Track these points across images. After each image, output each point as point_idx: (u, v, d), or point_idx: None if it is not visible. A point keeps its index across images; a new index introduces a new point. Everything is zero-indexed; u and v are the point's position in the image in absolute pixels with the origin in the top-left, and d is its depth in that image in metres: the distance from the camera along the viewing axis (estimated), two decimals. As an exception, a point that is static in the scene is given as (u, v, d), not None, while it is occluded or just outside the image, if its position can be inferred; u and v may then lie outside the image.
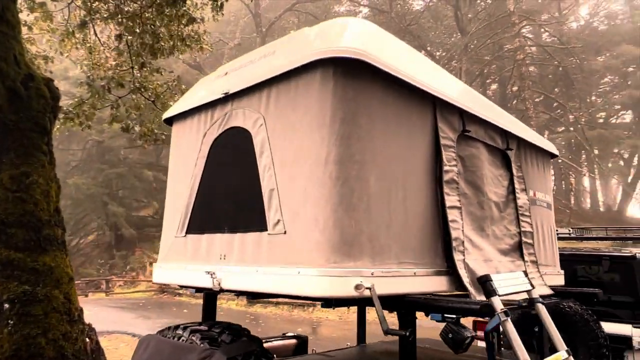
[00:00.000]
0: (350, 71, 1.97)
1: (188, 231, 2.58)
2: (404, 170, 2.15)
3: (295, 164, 2.02)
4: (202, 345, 2.09)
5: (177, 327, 2.38)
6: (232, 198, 2.33)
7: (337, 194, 1.88)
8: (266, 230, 2.09)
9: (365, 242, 1.90)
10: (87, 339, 5.88)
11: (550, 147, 3.60)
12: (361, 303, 2.25)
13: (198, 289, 2.62)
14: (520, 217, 2.92)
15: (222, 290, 2.26)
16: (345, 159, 1.91)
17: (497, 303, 2.12)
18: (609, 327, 4.75)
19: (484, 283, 2.26)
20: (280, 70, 2.12)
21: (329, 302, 2.14)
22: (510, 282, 2.43)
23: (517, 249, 2.83)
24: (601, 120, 27.81)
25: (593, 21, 35.66)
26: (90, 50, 6.95)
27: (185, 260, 2.56)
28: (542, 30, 31.44)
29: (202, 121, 2.63)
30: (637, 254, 5.07)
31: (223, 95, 2.41)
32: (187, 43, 6.78)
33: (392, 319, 2.10)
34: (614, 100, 28.91)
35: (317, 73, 2.00)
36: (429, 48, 31.78)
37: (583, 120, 25.48)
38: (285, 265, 1.96)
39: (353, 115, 1.95)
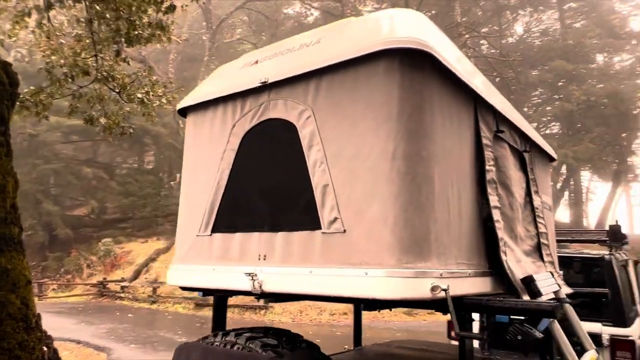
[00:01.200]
0: (416, 63, 1.89)
1: (215, 229, 2.39)
2: (456, 169, 2.10)
3: (355, 159, 1.91)
4: (264, 353, 1.93)
5: (226, 333, 2.18)
6: (272, 194, 2.18)
7: (406, 191, 1.79)
8: (319, 228, 1.96)
9: (432, 242, 1.83)
10: (45, 348, 5.42)
11: (551, 151, 3.69)
12: (425, 305, 2.15)
13: (228, 293, 2.43)
14: (537, 219, 2.96)
15: (262, 294, 2.10)
16: (413, 155, 1.83)
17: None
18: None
19: (529, 284, 2.25)
20: (335, 60, 2.00)
21: (381, 305, 2.03)
22: (545, 283, 2.44)
23: (537, 250, 2.87)
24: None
25: (528, 37, 37.82)
26: (48, 35, 6.39)
27: (211, 261, 2.36)
28: (482, 42, 32.99)
29: (230, 112, 2.44)
30: (605, 256, 5.34)
31: (260, 84, 2.25)
32: (167, 32, 6.40)
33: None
34: (546, 112, 30.73)
35: (380, 64, 1.90)
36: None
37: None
38: (346, 266, 1.85)
39: (419, 109, 1.88)
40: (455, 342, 6.35)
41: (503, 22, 35.65)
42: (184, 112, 2.78)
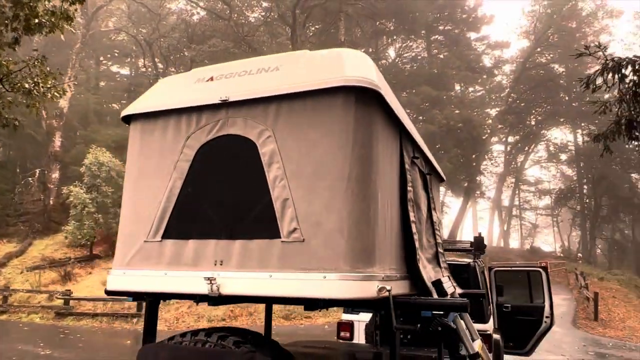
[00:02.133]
0: (367, 99, 2.25)
1: (165, 236, 2.47)
2: (389, 189, 2.50)
3: (314, 178, 2.19)
4: (238, 349, 2.07)
5: (194, 333, 2.27)
6: (229, 204, 2.35)
7: (358, 208, 2.13)
8: (278, 237, 2.21)
9: (376, 251, 2.19)
10: None
11: (442, 173, 4.33)
12: (362, 304, 2.46)
13: (181, 297, 2.52)
14: (435, 231, 3.51)
15: (219, 297, 2.26)
16: (364, 178, 2.18)
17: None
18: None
19: (438, 286, 2.73)
20: (297, 89, 2.27)
21: (324, 305, 2.31)
22: (447, 285, 2.95)
23: (436, 258, 3.40)
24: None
25: (399, 62, 41.29)
26: None
27: (162, 266, 2.44)
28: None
29: (184, 124, 2.56)
30: (470, 263, 6.26)
31: (221, 101, 2.42)
32: (71, 22, 5.93)
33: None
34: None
35: (338, 98, 2.22)
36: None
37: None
38: (305, 271, 2.12)
39: (369, 139, 2.24)
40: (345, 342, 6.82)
41: (379, 45, 38.44)
42: (127, 119, 2.80)
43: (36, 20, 5.48)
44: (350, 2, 26.92)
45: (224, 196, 2.38)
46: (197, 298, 2.36)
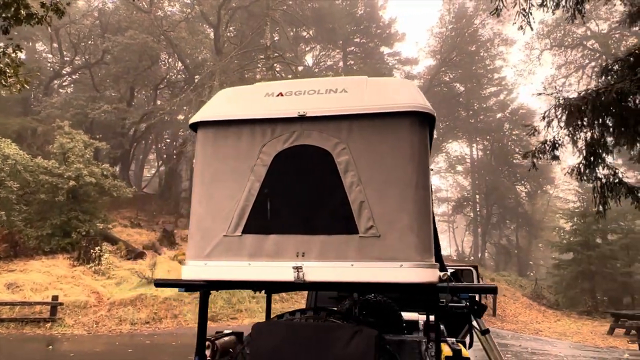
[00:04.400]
0: (424, 121, 2.80)
1: (245, 231, 2.80)
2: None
3: (386, 184, 2.67)
4: (347, 323, 2.44)
5: (302, 311, 2.58)
6: (308, 204, 2.75)
7: (422, 210, 2.66)
8: (356, 233, 2.66)
9: (432, 244, 2.72)
10: None
11: None
12: (421, 289, 2.88)
13: (264, 284, 2.83)
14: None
15: (304, 284, 2.64)
16: (424, 185, 2.71)
17: None
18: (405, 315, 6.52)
19: (454, 274, 3.32)
20: (370, 110, 2.76)
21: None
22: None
23: None
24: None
25: (316, 69, 42.48)
26: None
27: (243, 258, 2.76)
28: (276, 67, 35.86)
29: (258, 133, 2.90)
30: None
31: (299, 115, 2.82)
32: (60, 15, 5.64)
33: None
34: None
35: (406, 119, 2.74)
36: (180, 61, 31.99)
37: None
38: (381, 261, 2.59)
39: (425, 153, 2.78)
40: None
41: (299, 51, 39.24)
42: (195, 125, 3.08)
43: (25, 11, 5.21)
44: (275, 7, 27.34)
45: (303, 197, 2.77)
46: (278, 285, 2.72)
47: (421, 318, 6.95)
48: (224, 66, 26.33)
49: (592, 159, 6.23)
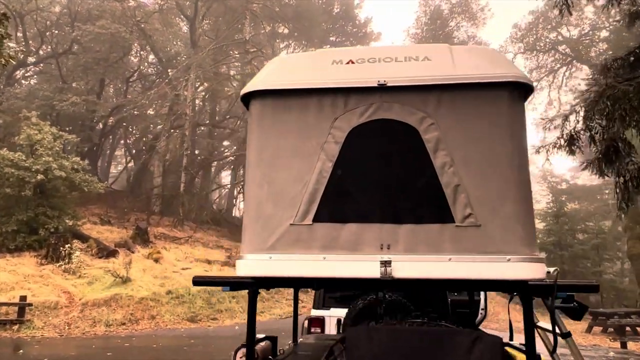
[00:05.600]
0: (523, 94, 2.45)
1: (317, 219, 2.37)
2: None
3: (484, 165, 2.31)
4: (464, 329, 2.05)
5: (403, 317, 2.16)
6: (392, 189, 2.35)
7: (525, 196, 2.31)
8: (451, 222, 2.28)
9: (535, 235, 2.37)
10: None
11: None
12: (522, 288, 2.49)
13: (341, 281, 2.40)
14: None
15: (390, 281, 2.24)
16: (525, 166, 2.36)
17: None
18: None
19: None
20: (462, 80, 2.38)
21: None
22: None
23: None
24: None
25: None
26: None
27: (314, 250, 2.33)
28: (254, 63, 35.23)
29: (328, 104, 2.47)
30: None
31: (378, 85, 2.42)
32: None
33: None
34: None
35: (504, 91, 2.37)
36: (155, 54, 30.91)
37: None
38: (483, 254, 2.22)
39: (524, 130, 2.43)
40: None
41: (274, 48, 38.65)
42: (247, 98, 2.63)
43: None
44: (255, 2, 26.74)
45: (385, 180, 2.38)
46: (357, 283, 2.31)
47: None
48: (200, 59, 25.54)
49: (613, 155, 6.06)
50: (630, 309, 16.87)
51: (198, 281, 2.71)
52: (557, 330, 3.03)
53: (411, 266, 2.26)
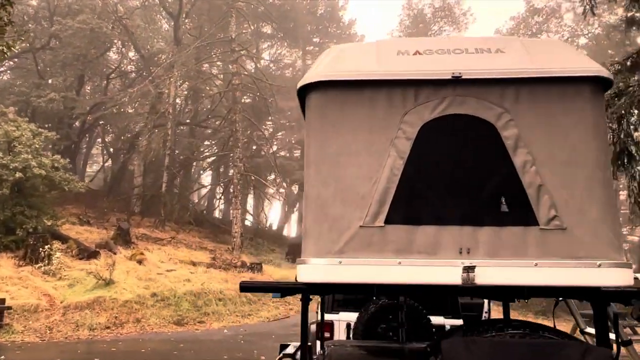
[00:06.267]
0: (602, 90, 2.32)
1: (389, 221, 2.19)
2: None
3: (569, 165, 2.17)
4: (572, 341, 1.89)
5: (499, 328, 1.99)
6: (469, 189, 2.20)
7: (611, 197, 2.19)
8: (535, 225, 2.14)
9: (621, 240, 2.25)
10: None
11: None
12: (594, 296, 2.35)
13: (410, 288, 2.22)
14: None
15: (471, 288, 2.08)
16: (608, 166, 2.25)
17: None
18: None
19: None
20: (542, 74, 2.25)
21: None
22: None
23: None
24: (282, 153, 32.46)
25: (273, 66, 41.66)
26: None
27: (388, 254, 2.15)
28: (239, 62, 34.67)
29: (398, 98, 2.31)
30: None
31: (453, 77, 2.26)
32: None
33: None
34: (292, 138, 34.29)
35: (586, 86, 2.25)
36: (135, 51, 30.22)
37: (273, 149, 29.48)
38: (570, 259, 2.08)
39: (605, 128, 2.31)
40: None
41: (259, 47, 38.31)
42: (305, 89, 2.45)
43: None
44: (240, 0, 26.37)
45: (462, 180, 2.22)
46: (434, 289, 2.15)
47: (447, 323, 6.54)
48: (185, 57, 25.07)
49: (625, 158, 6.05)
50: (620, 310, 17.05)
51: (246, 287, 2.50)
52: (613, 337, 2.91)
53: (495, 272, 2.11)
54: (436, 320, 6.25)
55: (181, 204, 28.25)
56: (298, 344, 3.33)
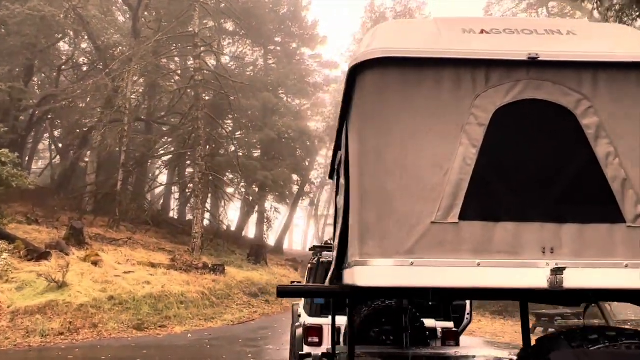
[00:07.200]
0: None
1: (463, 217, 1.94)
2: None
3: None
4: None
5: (615, 337, 1.74)
6: (549, 182, 1.99)
7: None
8: (622, 222, 1.95)
9: None
10: None
11: None
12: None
13: (491, 293, 1.96)
14: None
15: (559, 292, 1.86)
16: None
17: None
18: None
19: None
20: (622, 58, 2.08)
21: None
22: None
23: None
24: (240, 154, 31.69)
25: (234, 64, 40.83)
26: None
27: (464, 254, 1.90)
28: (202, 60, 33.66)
29: (467, 80, 2.07)
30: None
31: (529, 59, 2.04)
32: None
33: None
34: (252, 136, 33.65)
35: None
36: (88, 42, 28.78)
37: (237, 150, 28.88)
38: None
39: None
40: None
41: (220, 44, 37.44)
42: (356, 68, 2.17)
43: None
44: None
45: (541, 172, 2.01)
46: (516, 294, 1.92)
47: (438, 325, 6.40)
48: (144, 51, 24.08)
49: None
50: (577, 310, 17.55)
51: (284, 292, 2.19)
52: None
53: (582, 274, 1.91)
54: (428, 323, 6.12)
55: (137, 203, 27.12)
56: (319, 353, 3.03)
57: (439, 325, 6.39)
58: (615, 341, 1.95)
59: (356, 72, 2.20)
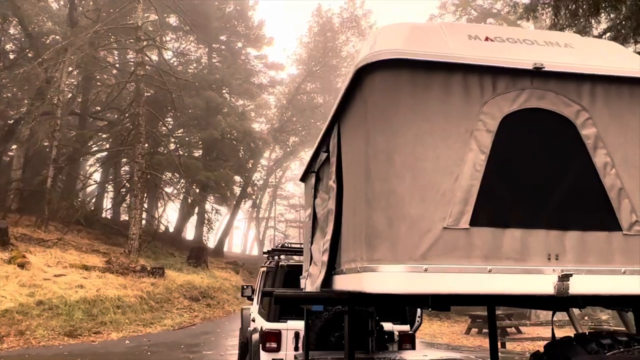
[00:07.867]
0: None
1: (474, 222, 1.92)
2: None
3: None
4: None
5: (629, 343, 1.73)
6: (552, 190, 2.02)
7: None
8: (618, 230, 2.03)
9: None
10: None
11: None
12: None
13: (496, 299, 1.94)
14: None
15: (564, 299, 1.89)
16: None
17: None
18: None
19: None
20: (617, 72, 2.17)
21: None
22: None
23: None
24: (181, 152, 30.79)
25: (176, 61, 39.62)
26: None
27: (474, 261, 1.88)
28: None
29: (475, 86, 2.06)
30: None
31: (534, 68, 2.08)
32: None
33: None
34: (194, 136, 32.79)
35: None
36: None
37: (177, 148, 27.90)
38: None
39: None
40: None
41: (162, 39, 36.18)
42: (365, 69, 2.11)
43: None
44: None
45: (545, 180, 2.05)
46: (522, 300, 1.93)
47: (395, 329, 6.47)
48: (80, 41, 22.79)
49: None
50: (508, 311, 18.38)
51: (281, 298, 2.09)
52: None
53: (585, 280, 1.96)
54: (386, 326, 6.17)
55: (68, 201, 25.57)
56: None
57: (396, 328, 6.45)
58: (629, 346, 2.02)
59: (364, 73, 2.14)
